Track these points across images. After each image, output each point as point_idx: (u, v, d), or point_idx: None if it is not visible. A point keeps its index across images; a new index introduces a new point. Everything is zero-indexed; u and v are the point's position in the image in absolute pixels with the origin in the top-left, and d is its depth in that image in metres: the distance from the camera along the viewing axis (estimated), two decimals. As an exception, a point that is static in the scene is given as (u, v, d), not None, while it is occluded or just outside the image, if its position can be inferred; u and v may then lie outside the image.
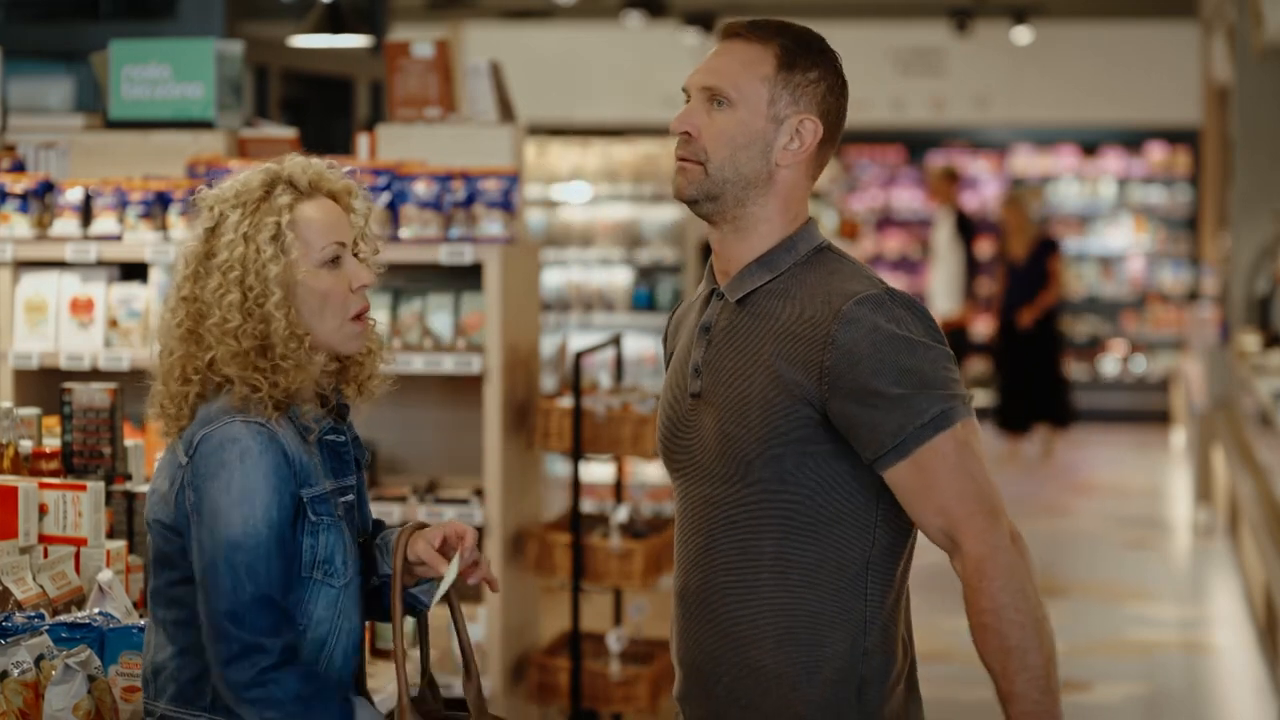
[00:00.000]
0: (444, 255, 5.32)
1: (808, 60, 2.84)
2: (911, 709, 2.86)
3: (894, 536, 2.82)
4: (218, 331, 2.86)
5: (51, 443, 4.08)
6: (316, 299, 2.90)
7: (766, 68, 2.82)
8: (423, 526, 3.03)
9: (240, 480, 2.80)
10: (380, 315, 5.53)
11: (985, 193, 16.58)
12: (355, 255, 2.96)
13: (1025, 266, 13.67)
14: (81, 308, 5.36)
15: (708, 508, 2.83)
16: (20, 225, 5.30)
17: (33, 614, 3.18)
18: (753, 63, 2.82)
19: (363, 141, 5.83)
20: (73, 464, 4.04)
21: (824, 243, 2.86)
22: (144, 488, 3.95)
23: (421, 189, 5.37)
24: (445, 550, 2.99)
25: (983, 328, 15.25)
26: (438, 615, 5.41)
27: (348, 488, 2.98)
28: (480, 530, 5.45)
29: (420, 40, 5.93)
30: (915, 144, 16.67)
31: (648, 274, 10.24)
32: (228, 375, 2.86)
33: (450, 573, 2.95)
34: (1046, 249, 13.81)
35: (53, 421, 4.21)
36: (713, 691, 2.85)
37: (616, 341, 6.10)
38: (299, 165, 2.95)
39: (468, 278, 5.49)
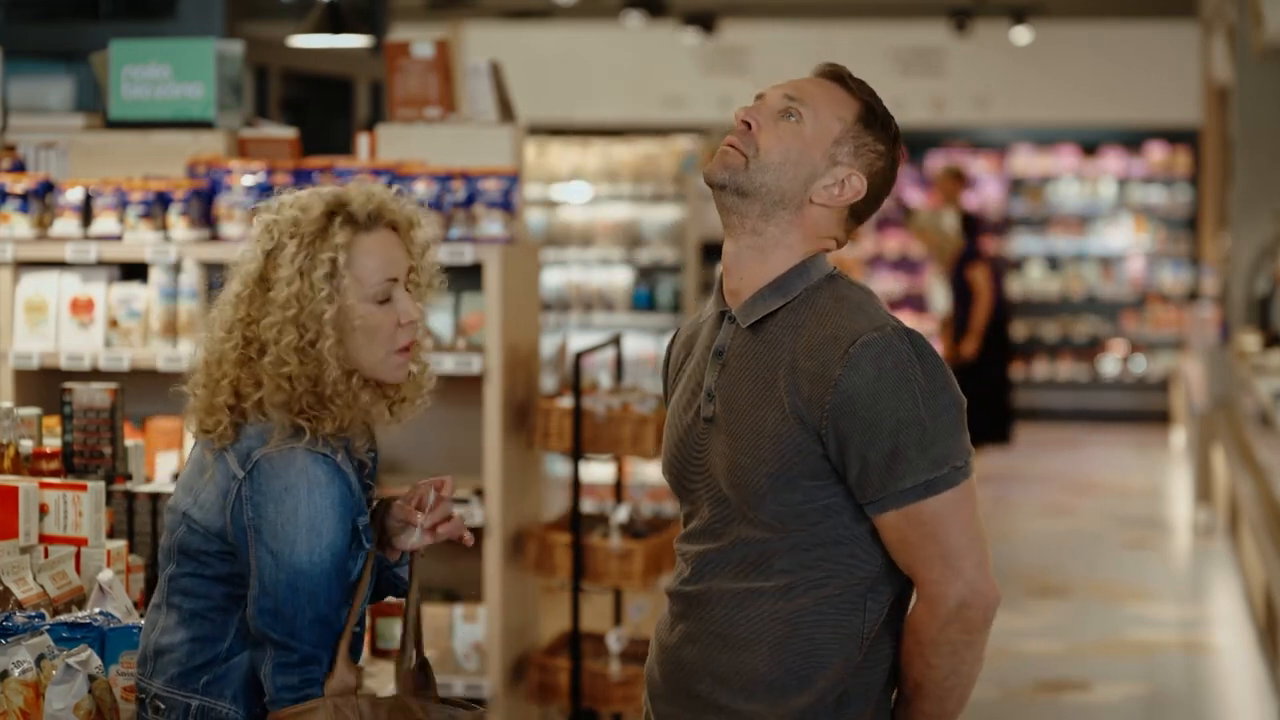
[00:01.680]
0: (444, 255, 5.32)
1: (882, 133, 2.89)
2: None
3: None
4: (272, 371, 2.88)
5: (52, 443, 4.08)
6: (364, 334, 2.92)
7: (848, 114, 2.87)
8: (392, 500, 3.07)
9: (307, 509, 2.84)
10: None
11: (986, 193, 16.59)
12: (411, 285, 2.97)
13: (955, 284, 13.25)
14: (82, 308, 5.36)
15: (717, 526, 2.84)
16: (20, 225, 5.30)
17: (33, 614, 3.18)
18: (838, 103, 2.87)
19: (363, 141, 5.83)
20: (73, 464, 4.04)
21: (834, 270, 2.88)
22: (144, 488, 3.96)
23: (421, 189, 5.37)
24: (422, 507, 3.03)
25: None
26: (438, 615, 5.40)
27: (371, 500, 3.03)
28: (480, 530, 5.46)
29: (420, 40, 5.93)
30: (915, 144, 16.67)
31: (648, 274, 10.24)
32: (273, 415, 2.89)
33: (423, 520, 2.99)
34: (964, 260, 13.10)
35: (53, 421, 4.21)
36: (693, 690, 2.84)
37: (616, 341, 6.11)
38: (361, 195, 2.94)
39: (468, 278, 5.49)
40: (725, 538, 2.83)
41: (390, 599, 3.18)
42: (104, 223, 5.30)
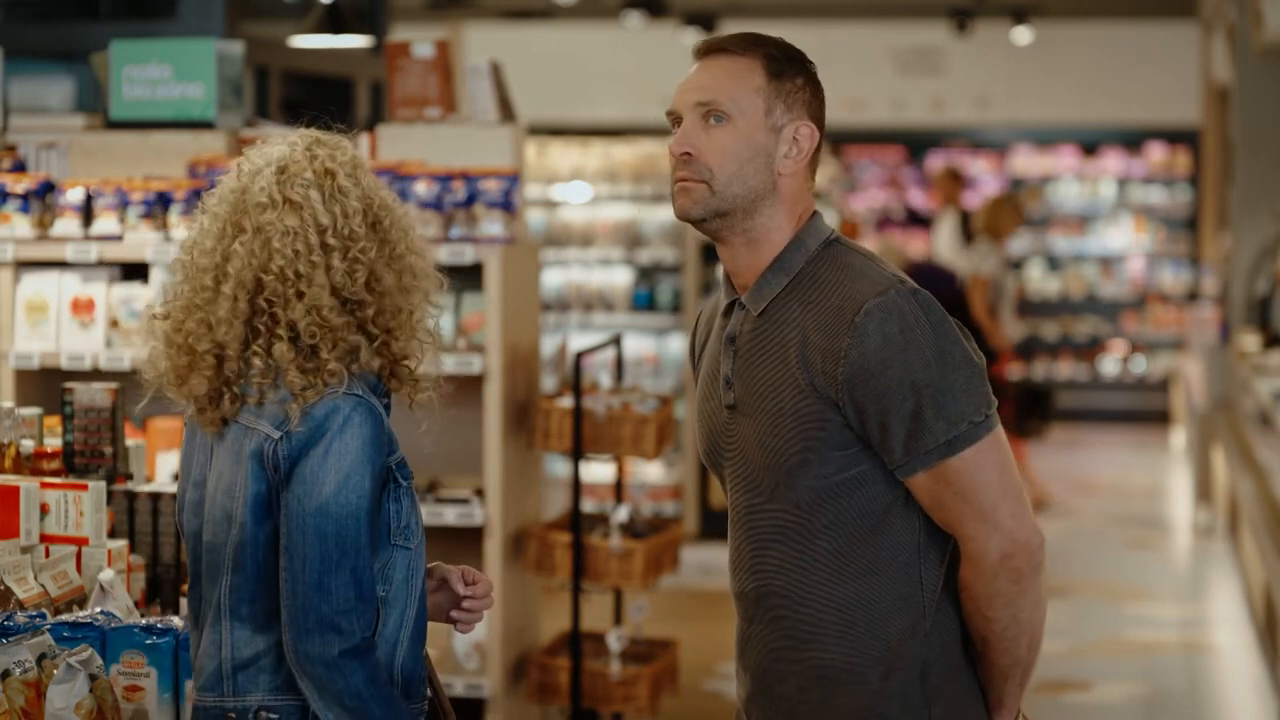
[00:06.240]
0: (444, 255, 5.32)
1: (792, 68, 2.85)
2: (971, 686, 2.86)
3: None
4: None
5: (53, 442, 4.08)
6: None
7: (757, 79, 2.83)
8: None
9: (338, 449, 2.81)
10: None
11: (986, 193, 16.58)
12: None
13: None
14: (82, 308, 5.36)
15: (754, 515, 2.84)
16: (21, 225, 5.30)
17: (34, 613, 3.18)
18: (743, 75, 2.83)
19: (363, 142, 5.83)
20: (74, 464, 4.04)
21: (831, 234, 2.86)
22: (145, 488, 3.96)
23: (422, 189, 5.37)
24: (468, 580, 3.10)
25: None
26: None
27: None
28: (480, 530, 5.46)
29: (420, 40, 5.93)
30: (915, 144, 16.66)
31: (648, 274, 10.24)
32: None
33: (464, 590, 3.09)
34: None
35: (54, 421, 4.21)
36: (781, 692, 2.84)
37: (616, 341, 6.11)
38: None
39: (468, 278, 5.49)
40: (762, 525, 2.82)
41: None
42: (105, 223, 5.30)
